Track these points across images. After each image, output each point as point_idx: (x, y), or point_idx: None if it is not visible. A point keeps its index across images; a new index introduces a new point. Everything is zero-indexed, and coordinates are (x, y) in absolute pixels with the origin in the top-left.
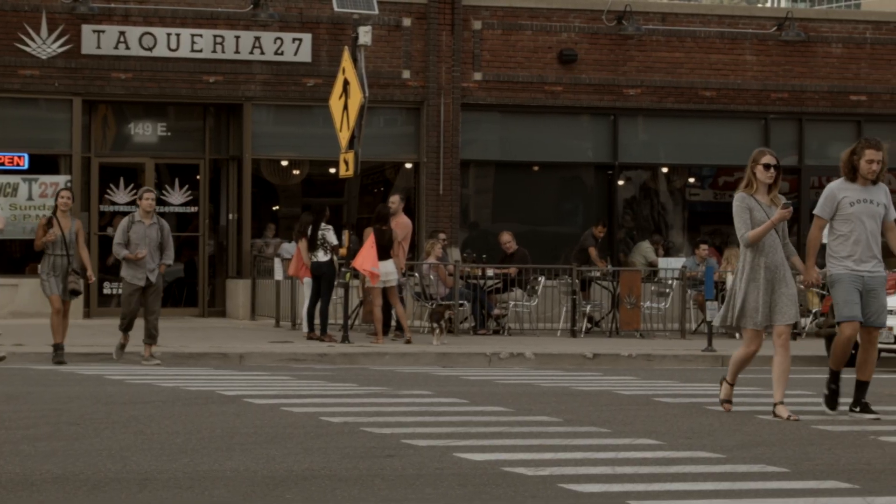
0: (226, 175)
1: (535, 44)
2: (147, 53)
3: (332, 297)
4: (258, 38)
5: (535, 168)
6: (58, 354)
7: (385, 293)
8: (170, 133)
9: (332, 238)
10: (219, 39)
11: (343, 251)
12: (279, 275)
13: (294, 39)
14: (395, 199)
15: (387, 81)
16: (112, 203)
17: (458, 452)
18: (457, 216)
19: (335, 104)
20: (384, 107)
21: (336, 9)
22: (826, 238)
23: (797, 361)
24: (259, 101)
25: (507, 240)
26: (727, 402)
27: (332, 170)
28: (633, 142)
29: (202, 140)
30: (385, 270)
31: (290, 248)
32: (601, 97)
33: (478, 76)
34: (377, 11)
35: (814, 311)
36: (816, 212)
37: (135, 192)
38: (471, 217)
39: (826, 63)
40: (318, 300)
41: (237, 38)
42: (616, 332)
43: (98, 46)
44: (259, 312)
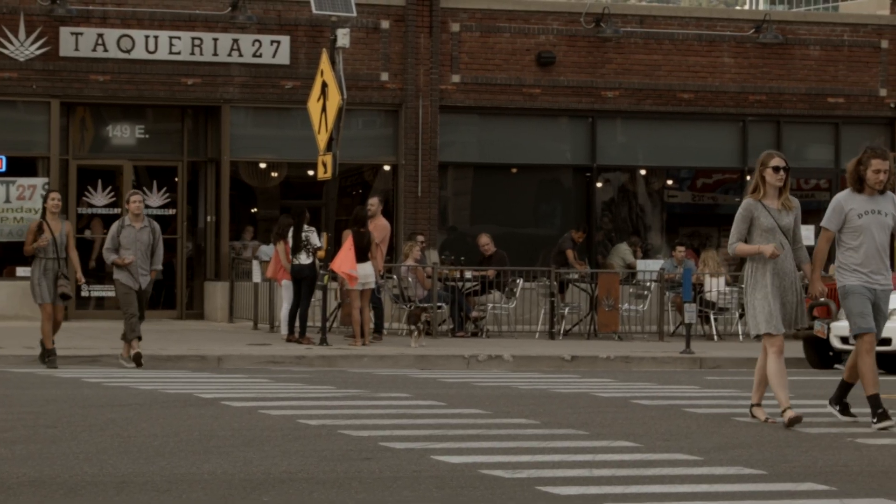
0: (204, 177)
1: (514, 46)
2: (125, 56)
3: (311, 300)
4: (236, 41)
5: (514, 170)
6: (50, 360)
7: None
8: (148, 135)
9: (316, 240)
10: (197, 42)
11: (321, 253)
12: (257, 277)
13: (272, 42)
14: (374, 202)
15: (365, 84)
16: (90, 206)
17: (436, 455)
18: (435, 218)
19: (313, 106)
20: (362, 109)
21: (314, 11)
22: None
23: None
24: (237, 104)
25: (486, 242)
26: (796, 419)
27: (311, 172)
28: (612, 144)
29: (180, 142)
30: (363, 273)
31: (269, 251)
32: (579, 99)
33: (456, 78)
34: (355, 14)
35: None
36: (824, 224)
37: (113, 195)
38: (449, 219)
39: (804, 65)
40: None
41: (215, 41)
42: (594, 335)
43: (76, 49)
44: (237, 315)
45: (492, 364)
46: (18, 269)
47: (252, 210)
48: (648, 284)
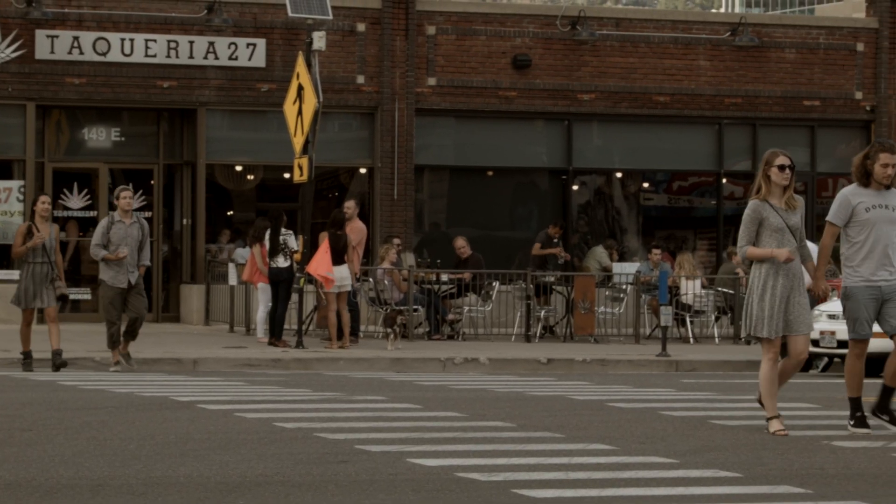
0: (180, 180)
1: (490, 49)
2: (101, 58)
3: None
4: (212, 44)
5: (490, 173)
6: (27, 364)
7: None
8: (124, 138)
9: (294, 243)
10: (173, 44)
11: (298, 256)
12: (233, 280)
13: (248, 44)
14: (350, 205)
15: (341, 86)
16: (66, 208)
17: (412, 458)
18: (411, 221)
19: (289, 109)
20: (338, 112)
21: (290, 14)
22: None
23: (751, 366)
24: (213, 107)
25: (462, 245)
26: (782, 430)
27: (287, 175)
28: (588, 147)
29: (156, 145)
30: (339, 276)
31: (244, 254)
32: (555, 102)
33: (432, 81)
34: (331, 16)
35: None
36: (829, 218)
37: (88, 198)
38: (425, 222)
39: (780, 68)
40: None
41: (191, 44)
42: (570, 337)
43: (52, 51)
44: (213, 318)
45: (468, 367)
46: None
47: (228, 213)
48: (624, 287)
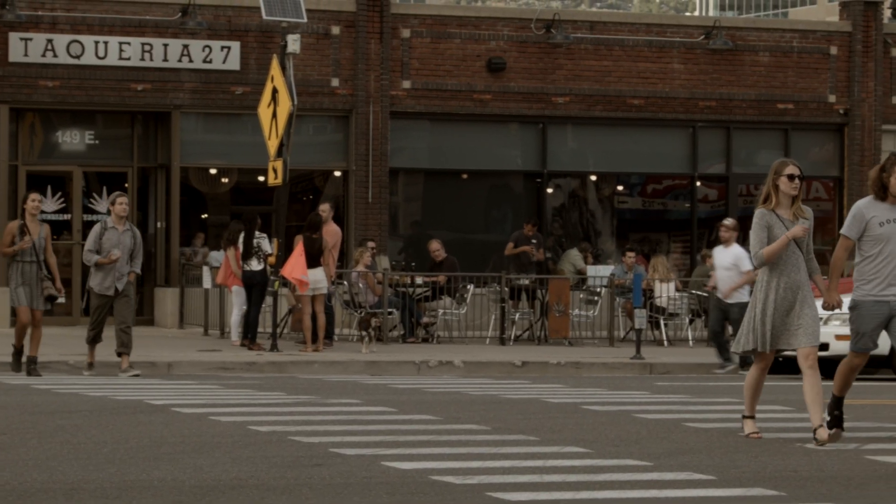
0: (154, 183)
1: (464, 52)
2: (75, 61)
3: (262, 306)
4: (186, 46)
5: (464, 176)
6: (20, 363)
7: (312, 301)
8: (98, 141)
9: (268, 247)
10: (147, 47)
11: (272, 259)
12: (207, 283)
13: (222, 47)
14: (325, 208)
15: (315, 89)
16: (40, 212)
17: (387, 461)
18: (386, 224)
19: (264, 112)
20: (313, 115)
21: (265, 17)
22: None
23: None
24: (187, 109)
25: (436, 248)
26: (755, 434)
27: (261, 178)
28: (562, 150)
29: (130, 148)
30: (314, 278)
31: (219, 257)
32: (530, 105)
33: (406, 84)
34: (306, 20)
35: None
36: (843, 232)
37: (63, 201)
38: (400, 225)
39: (753, 72)
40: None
41: (165, 46)
42: (545, 340)
43: (25, 54)
44: (187, 321)
45: (442, 370)
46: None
47: (202, 216)
48: (599, 290)
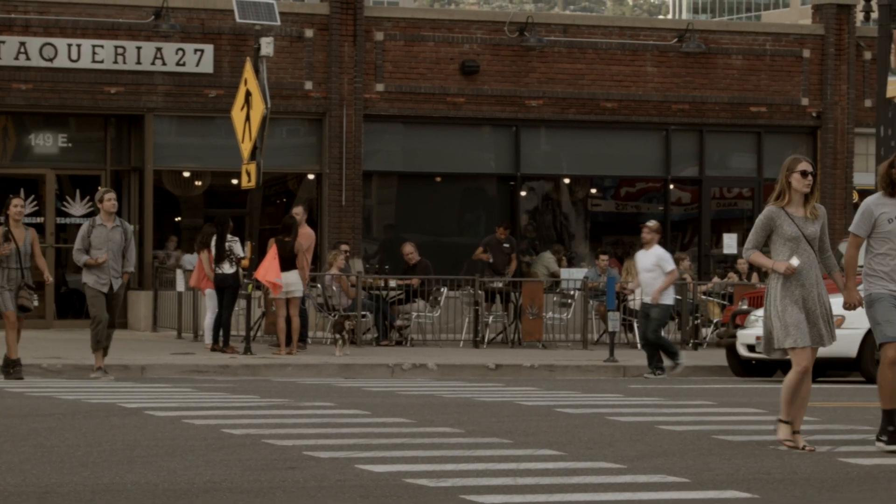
0: (127, 186)
1: (438, 55)
2: (48, 64)
3: (235, 309)
4: (160, 49)
5: (438, 179)
6: (15, 371)
7: (287, 304)
8: (71, 144)
9: (240, 250)
10: (120, 50)
11: (245, 262)
12: (181, 286)
13: (196, 50)
14: (299, 211)
15: (289, 92)
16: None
17: (360, 464)
18: (359, 227)
19: (237, 115)
20: (286, 118)
21: (238, 20)
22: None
23: (698, 371)
24: (161, 112)
25: (410, 251)
26: (789, 441)
27: (235, 181)
28: (536, 153)
29: (103, 151)
30: (287, 281)
31: (192, 260)
32: (503, 108)
33: (380, 87)
34: (279, 22)
35: (715, 322)
36: (852, 229)
37: (36, 204)
38: (373, 228)
39: (726, 75)
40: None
41: (138, 49)
42: (518, 343)
43: None
44: (161, 324)
45: (416, 373)
46: None
47: (176, 219)
48: (572, 293)
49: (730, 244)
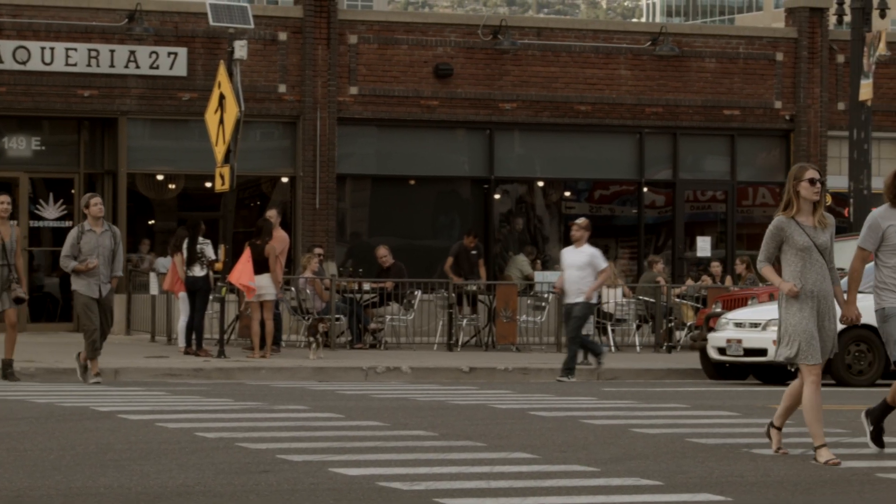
0: (101, 189)
1: (411, 58)
2: (21, 67)
3: (209, 312)
4: (133, 52)
5: (412, 182)
6: (10, 372)
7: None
8: (44, 147)
9: (211, 253)
10: (93, 53)
11: (219, 266)
12: (154, 289)
13: (169, 53)
14: (273, 214)
15: (263, 95)
16: None
17: (334, 467)
18: (333, 230)
19: (211, 118)
20: (260, 121)
21: (212, 23)
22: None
23: (671, 374)
24: (134, 115)
25: (384, 254)
26: (834, 463)
27: (208, 184)
28: (509, 156)
29: (77, 154)
30: (258, 285)
31: (166, 263)
32: (477, 111)
33: (354, 90)
34: (253, 25)
35: (688, 325)
36: (860, 243)
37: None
38: (347, 231)
39: (700, 78)
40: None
41: (112, 52)
42: (492, 346)
43: None
44: (134, 327)
45: (390, 376)
46: None
47: (149, 222)
48: (546, 296)
49: (703, 247)
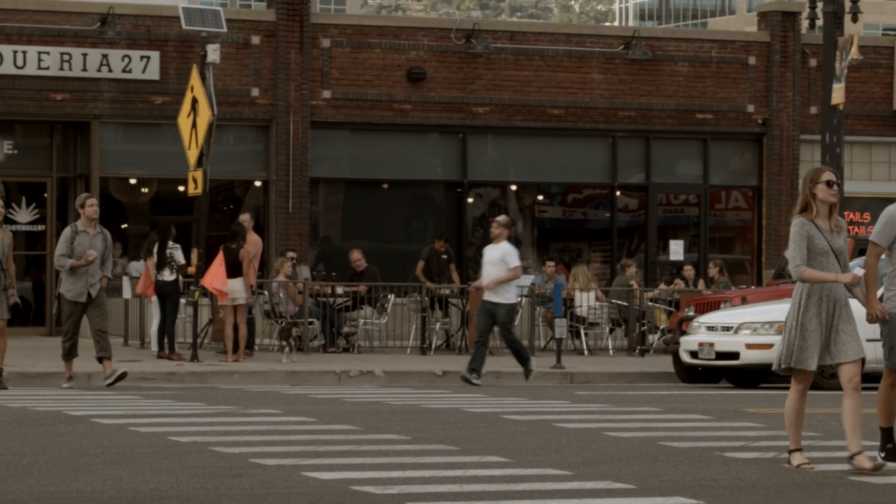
0: (73, 193)
1: (384, 62)
2: None
3: (181, 316)
4: (106, 56)
5: (385, 186)
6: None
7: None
8: (16, 151)
9: (180, 257)
10: (66, 57)
11: (192, 269)
12: (127, 293)
13: (142, 57)
14: (246, 218)
15: (236, 99)
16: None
17: (307, 471)
18: (306, 234)
19: (184, 122)
20: (233, 124)
21: (184, 27)
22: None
23: (645, 378)
24: (107, 119)
25: (357, 258)
26: (807, 464)
27: (181, 188)
28: (482, 159)
29: (49, 158)
30: (231, 288)
31: (138, 267)
32: (450, 115)
33: (327, 94)
34: (225, 29)
35: (661, 328)
36: (873, 238)
37: None
38: (320, 235)
39: (673, 82)
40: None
41: (84, 56)
42: (466, 350)
43: None
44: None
45: (363, 380)
46: None
47: (122, 226)
48: (519, 299)
49: (676, 251)
